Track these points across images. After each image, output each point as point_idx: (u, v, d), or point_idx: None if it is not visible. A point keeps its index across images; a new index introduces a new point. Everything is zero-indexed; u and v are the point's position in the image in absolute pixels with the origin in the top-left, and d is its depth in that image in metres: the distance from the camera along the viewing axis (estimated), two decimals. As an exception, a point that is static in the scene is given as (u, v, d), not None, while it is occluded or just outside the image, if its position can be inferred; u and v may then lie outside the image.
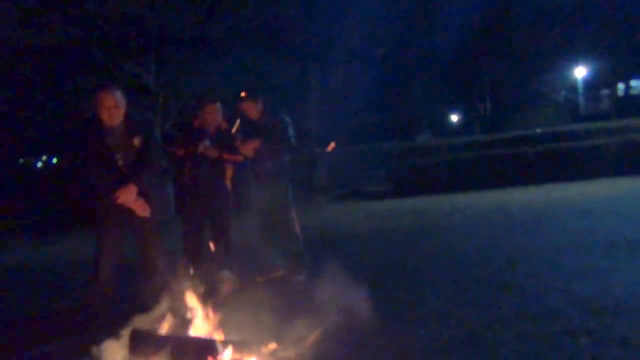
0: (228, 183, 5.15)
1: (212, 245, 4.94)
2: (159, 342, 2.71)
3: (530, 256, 4.93)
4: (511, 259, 4.87)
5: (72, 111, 12.41)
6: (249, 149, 4.75)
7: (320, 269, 5.24)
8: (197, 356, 2.62)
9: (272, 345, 2.82)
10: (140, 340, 2.76)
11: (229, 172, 5.08)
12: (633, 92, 28.80)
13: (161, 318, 3.04)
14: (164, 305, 3.12)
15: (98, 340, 2.91)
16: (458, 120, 32.73)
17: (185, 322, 2.99)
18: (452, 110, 32.11)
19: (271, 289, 4.76)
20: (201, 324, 2.96)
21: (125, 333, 2.87)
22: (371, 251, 6.07)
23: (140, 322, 3.00)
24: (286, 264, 5.04)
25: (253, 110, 4.90)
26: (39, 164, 28.75)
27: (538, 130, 14.77)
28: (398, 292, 4.28)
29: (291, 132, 4.96)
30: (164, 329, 2.96)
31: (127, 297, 3.82)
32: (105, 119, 3.58)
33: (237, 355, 2.69)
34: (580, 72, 26.52)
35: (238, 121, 5.04)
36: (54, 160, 26.58)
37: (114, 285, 3.66)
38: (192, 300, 3.05)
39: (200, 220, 5.03)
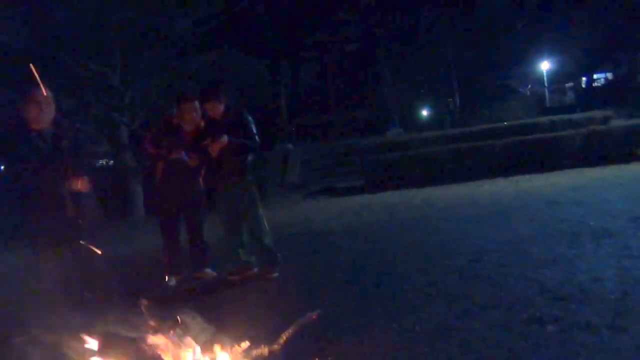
0: (202, 182, 5.17)
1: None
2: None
3: (499, 247, 5.02)
4: (480, 250, 4.95)
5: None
6: (216, 148, 4.72)
7: (293, 265, 5.27)
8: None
9: (245, 343, 2.80)
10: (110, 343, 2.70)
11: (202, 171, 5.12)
12: (596, 84, 29.66)
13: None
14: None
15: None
16: (428, 114, 33.07)
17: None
18: (423, 105, 32.42)
19: (244, 286, 4.76)
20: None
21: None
22: (344, 247, 6.09)
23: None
24: (259, 261, 5.04)
25: (216, 109, 4.88)
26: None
27: (505, 123, 15.01)
28: (370, 287, 4.31)
29: (254, 130, 4.96)
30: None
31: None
32: (34, 117, 3.46)
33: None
34: (545, 66, 27.21)
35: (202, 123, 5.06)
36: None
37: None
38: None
39: (175, 220, 5.10)
